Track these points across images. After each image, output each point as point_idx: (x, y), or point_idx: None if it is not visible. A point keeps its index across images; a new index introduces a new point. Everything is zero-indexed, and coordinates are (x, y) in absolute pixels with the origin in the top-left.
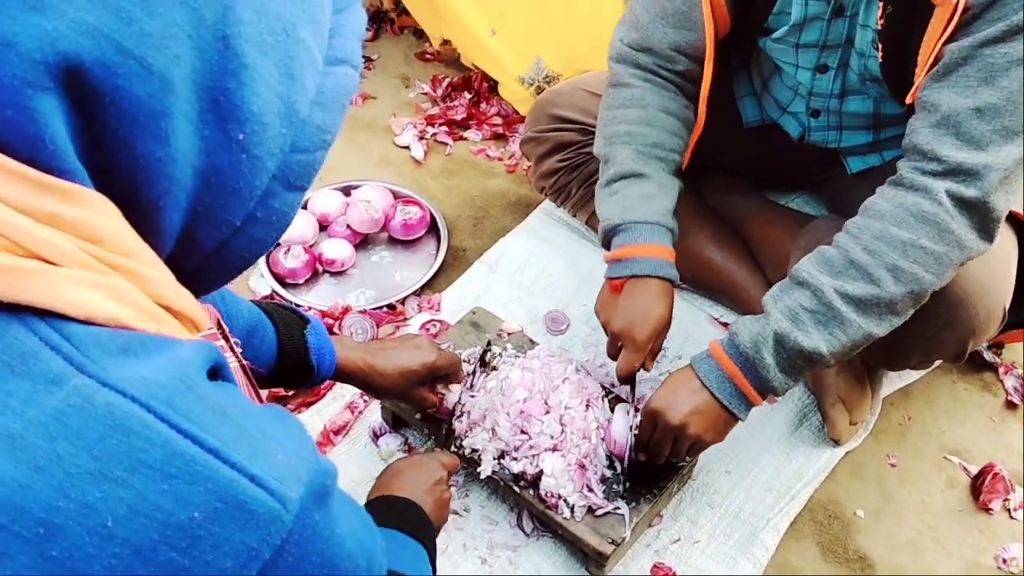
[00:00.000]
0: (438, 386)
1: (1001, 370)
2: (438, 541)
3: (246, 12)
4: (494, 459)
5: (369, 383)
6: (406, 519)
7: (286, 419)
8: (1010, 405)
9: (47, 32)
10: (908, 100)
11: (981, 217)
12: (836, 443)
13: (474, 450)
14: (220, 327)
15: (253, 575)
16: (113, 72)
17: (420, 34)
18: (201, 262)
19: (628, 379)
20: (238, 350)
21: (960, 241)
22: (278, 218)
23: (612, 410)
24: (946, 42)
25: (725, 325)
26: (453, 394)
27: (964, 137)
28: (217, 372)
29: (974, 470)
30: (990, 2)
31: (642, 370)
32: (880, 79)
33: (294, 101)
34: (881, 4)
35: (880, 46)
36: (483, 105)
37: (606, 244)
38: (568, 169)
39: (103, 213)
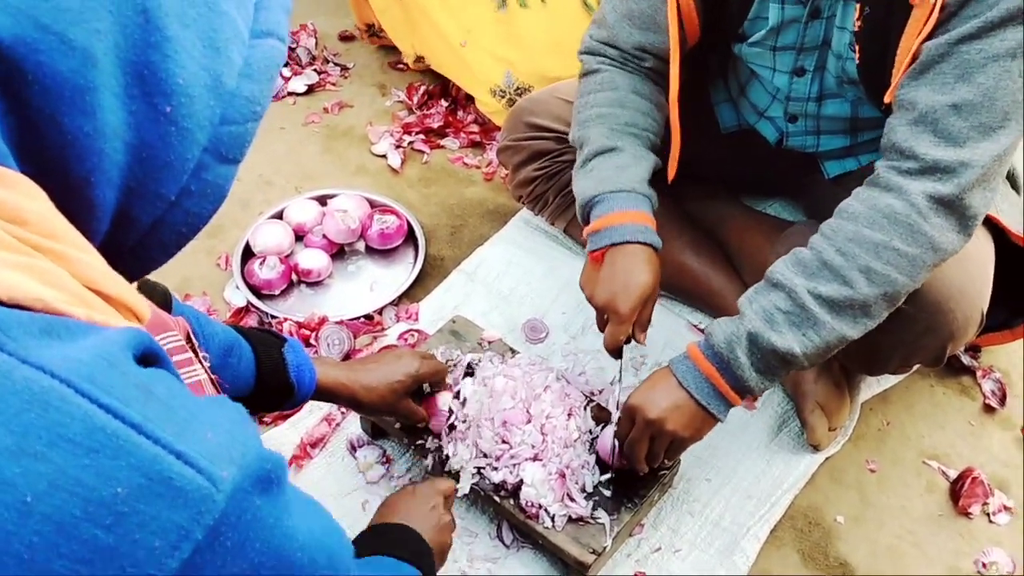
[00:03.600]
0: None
1: (979, 374)
2: None
3: None
4: (474, 472)
5: (357, 400)
6: (401, 544)
7: (224, 405)
8: (988, 409)
9: None
10: (887, 99)
11: (958, 215)
12: (815, 449)
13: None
14: (189, 340)
15: (186, 556)
16: (34, 49)
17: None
18: (139, 239)
19: (615, 352)
20: (207, 364)
21: (933, 243)
22: (213, 191)
23: (595, 419)
24: (924, 41)
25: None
26: (444, 404)
27: (941, 134)
28: (152, 360)
29: (953, 475)
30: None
31: (634, 342)
32: (857, 81)
33: (220, 73)
34: (858, 5)
35: (857, 47)
36: (460, 113)
37: (585, 220)
38: (545, 178)
39: (27, 195)
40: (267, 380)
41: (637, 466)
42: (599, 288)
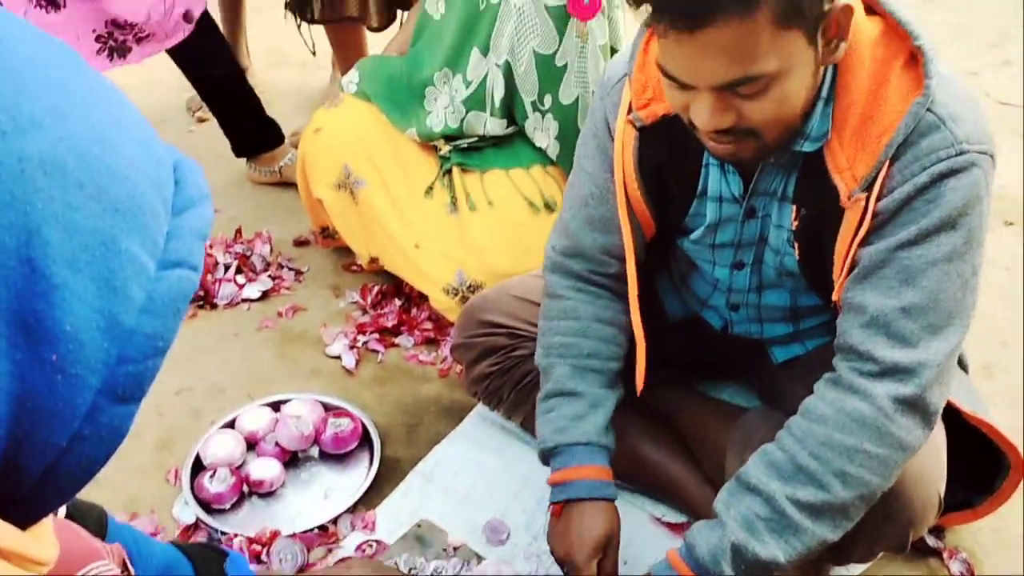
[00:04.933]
0: None
1: (945, 555)
2: None
3: (53, 233)
4: None
5: None
6: None
7: None
8: None
9: None
10: (834, 298)
11: (921, 413)
12: None
13: None
14: (125, 568)
15: None
16: None
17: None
18: (31, 487)
19: None
20: None
21: (902, 442)
22: (108, 434)
23: None
24: (860, 244)
25: (669, 525)
26: None
27: (895, 336)
28: None
29: None
30: (898, 207)
31: None
32: (797, 274)
33: (116, 313)
34: (794, 207)
35: (797, 245)
36: (414, 311)
37: (545, 463)
38: (499, 373)
39: None
40: None
41: None
42: (556, 541)
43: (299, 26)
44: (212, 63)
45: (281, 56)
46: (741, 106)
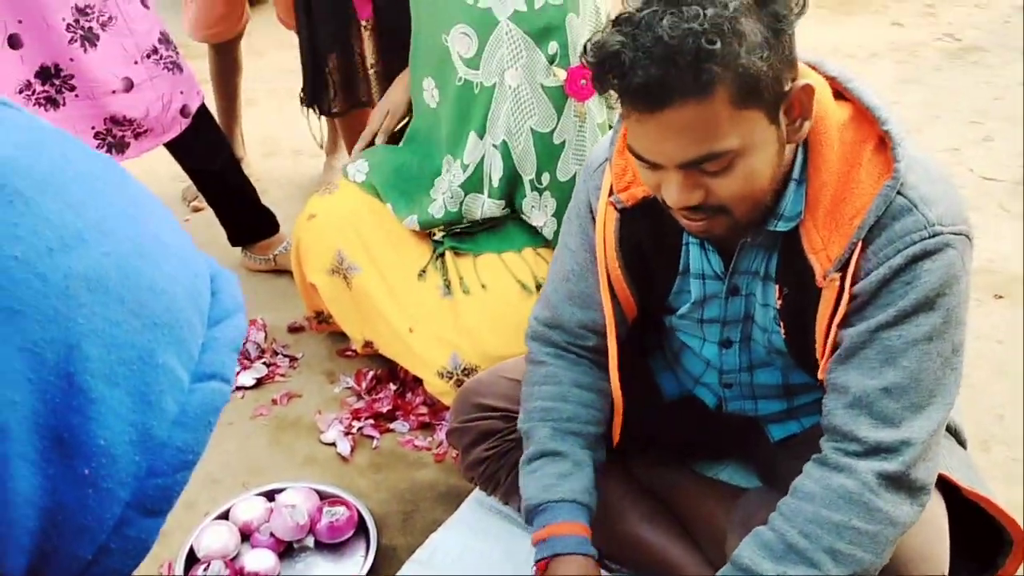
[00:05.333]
0: None
1: None
2: None
3: (93, 348)
4: None
5: None
6: None
7: None
8: None
9: None
10: (820, 376)
11: (907, 489)
12: None
13: None
14: None
15: None
16: None
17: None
18: None
19: None
20: None
21: (891, 518)
22: (135, 546)
23: None
24: (840, 325)
25: None
26: None
27: (878, 416)
28: None
29: None
30: (876, 289)
31: None
32: (785, 352)
33: (150, 427)
34: (777, 286)
35: (782, 323)
36: (409, 395)
37: (529, 522)
38: (496, 457)
39: None
40: None
41: None
42: None
43: (320, 118)
44: (209, 155)
45: (275, 146)
46: (708, 183)
